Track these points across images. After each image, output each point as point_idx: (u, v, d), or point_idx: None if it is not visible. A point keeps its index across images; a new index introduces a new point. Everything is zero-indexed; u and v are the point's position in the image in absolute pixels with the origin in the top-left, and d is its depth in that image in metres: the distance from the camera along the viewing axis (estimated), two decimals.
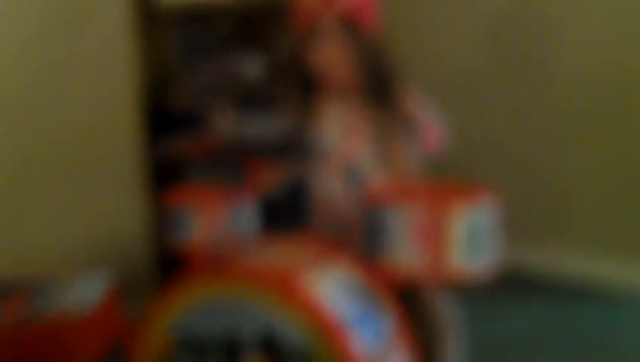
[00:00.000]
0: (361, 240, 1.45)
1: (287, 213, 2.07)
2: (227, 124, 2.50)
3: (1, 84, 2.15)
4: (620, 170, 2.55)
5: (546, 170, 2.73)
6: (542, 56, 2.65)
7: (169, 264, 1.91)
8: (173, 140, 2.61)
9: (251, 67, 2.78)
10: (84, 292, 2.00)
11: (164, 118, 2.64)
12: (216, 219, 1.66)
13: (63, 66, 2.19)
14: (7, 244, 2.17)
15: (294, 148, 1.75)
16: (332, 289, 1.30)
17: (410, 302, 1.55)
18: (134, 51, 2.32)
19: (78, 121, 2.22)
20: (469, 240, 1.31)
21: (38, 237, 2.20)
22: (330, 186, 1.65)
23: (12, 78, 2.16)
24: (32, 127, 2.18)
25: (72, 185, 2.25)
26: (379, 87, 1.61)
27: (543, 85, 2.68)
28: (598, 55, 2.52)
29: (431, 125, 1.64)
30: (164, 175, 2.52)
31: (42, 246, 2.20)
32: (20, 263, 2.14)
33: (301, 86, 1.70)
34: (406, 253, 1.33)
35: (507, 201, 1.41)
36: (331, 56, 1.58)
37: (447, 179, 1.46)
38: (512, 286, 2.53)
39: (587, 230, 2.66)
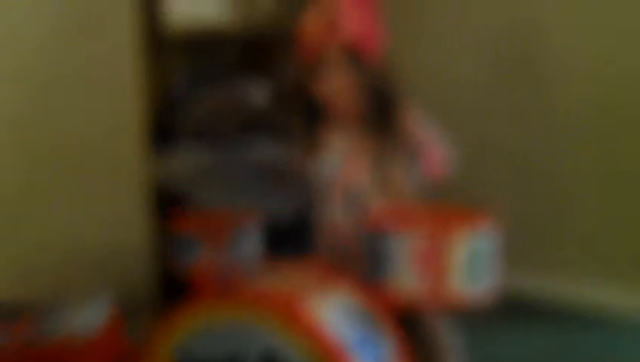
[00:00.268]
0: (362, 265, 1.46)
1: (291, 239, 2.09)
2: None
3: (9, 96, 2.17)
4: (623, 196, 2.57)
5: (547, 191, 2.75)
6: (542, 72, 2.71)
7: (173, 288, 1.93)
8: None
9: (256, 94, 2.80)
10: (89, 316, 2.02)
11: (169, 141, 2.67)
12: (221, 244, 1.69)
13: (71, 82, 2.23)
14: (9, 258, 2.18)
15: (298, 174, 1.78)
16: (333, 314, 1.31)
17: (410, 327, 1.56)
18: (141, 72, 2.36)
19: (84, 137, 2.25)
20: (470, 266, 1.33)
21: (42, 252, 2.21)
22: (331, 212, 1.67)
23: (20, 91, 2.19)
24: (36, 143, 2.21)
25: (76, 201, 2.26)
26: (381, 115, 1.65)
27: (543, 98, 2.72)
28: (593, 68, 2.58)
29: (434, 148, 1.67)
30: (169, 198, 2.54)
31: (46, 261, 2.21)
32: (20, 278, 2.17)
33: (306, 114, 1.73)
34: (407, 278, 1.34)
35: (508, 224, 1.43)
36: (335, 85, 1.62)
37: (448, 202, 1.48)
38: (512, 311, 2.51)
39: (589, 256, 2.67)
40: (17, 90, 2.19)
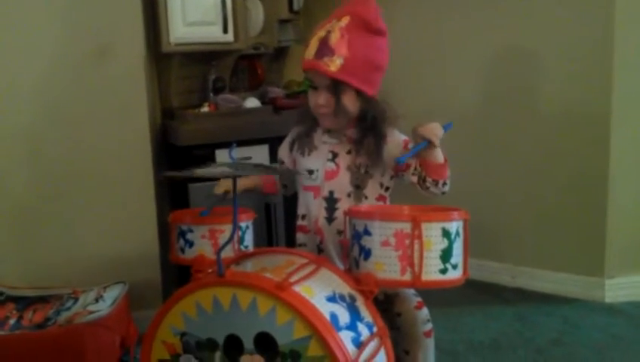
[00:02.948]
0: (345, 251, 1.55)
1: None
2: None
3: (26, 109, 2.31)
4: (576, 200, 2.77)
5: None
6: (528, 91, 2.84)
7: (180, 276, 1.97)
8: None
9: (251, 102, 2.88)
10: (102, 299, 2.15)
11: (169, 153, 2.75)
12: (216, 235, 1.78)
13: (85, 97, 2.35)
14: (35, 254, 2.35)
15: (289, 175, 1.89)
16: (321, 297, 1.38)
17: (388, 310, 1.67)
18: (147, 87, 2.45)
19: (97, 146, 2.39)
20: (444, 253, 1.41)
21: (65, 250, 2.38)
22: (313, 211, 1.76)
23: (37, 104, 2.31)
24: (53, 153, 2.36)
25: (91, 203, 2.40)
26: (366, 134, 1.70)
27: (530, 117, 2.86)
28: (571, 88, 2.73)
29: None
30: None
31: (70, 257, 2.38)
32: (50, 271, 2.34)
33: (300, 120, 1.83)
34: (387, 264, 1.41)
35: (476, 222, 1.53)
36: (318, 102, 1.69)
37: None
38: (480, 295, 2.73)
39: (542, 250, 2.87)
40: (34, 104, 2.31)
